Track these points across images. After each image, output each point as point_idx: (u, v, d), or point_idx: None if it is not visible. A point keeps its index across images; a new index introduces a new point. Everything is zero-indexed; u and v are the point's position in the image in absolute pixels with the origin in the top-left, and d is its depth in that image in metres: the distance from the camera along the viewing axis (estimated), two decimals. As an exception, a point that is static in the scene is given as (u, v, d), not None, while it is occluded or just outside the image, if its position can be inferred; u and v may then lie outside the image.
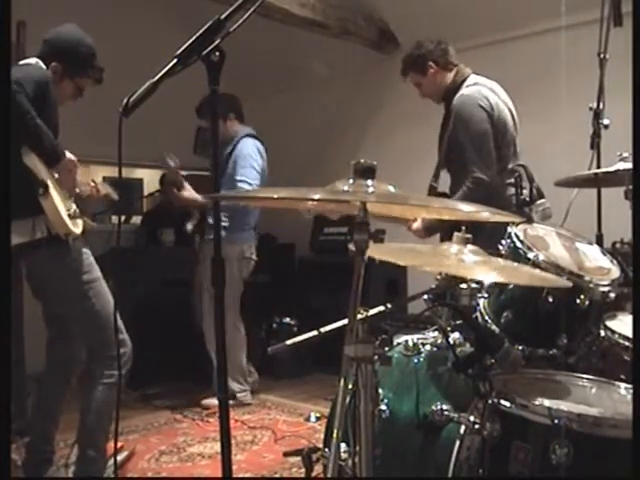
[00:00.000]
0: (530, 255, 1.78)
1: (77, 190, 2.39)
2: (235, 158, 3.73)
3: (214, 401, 3.66)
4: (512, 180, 2.72)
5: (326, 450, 1.81)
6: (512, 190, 2.75)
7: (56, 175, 2.26)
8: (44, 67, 2.34)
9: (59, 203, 2.22)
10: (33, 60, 2.35)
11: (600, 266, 1.88)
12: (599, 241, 2.49)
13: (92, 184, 2.51)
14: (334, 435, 1.28)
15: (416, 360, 1.79)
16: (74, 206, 2.33)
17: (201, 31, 1.34)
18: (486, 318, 1.85)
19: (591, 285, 1.75)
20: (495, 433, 1.39)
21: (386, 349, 1.37)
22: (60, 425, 2.55)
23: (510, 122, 2.84)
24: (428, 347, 1.83)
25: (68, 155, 2.32)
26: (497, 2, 3.98)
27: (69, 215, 2.26)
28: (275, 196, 1.73)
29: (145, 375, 3.87)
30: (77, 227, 2.31)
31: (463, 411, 1.52)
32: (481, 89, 2.81)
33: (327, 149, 5.01)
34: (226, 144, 3.79)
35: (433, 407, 1.60)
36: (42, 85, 2.21)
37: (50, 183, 2.21)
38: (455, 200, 2.71)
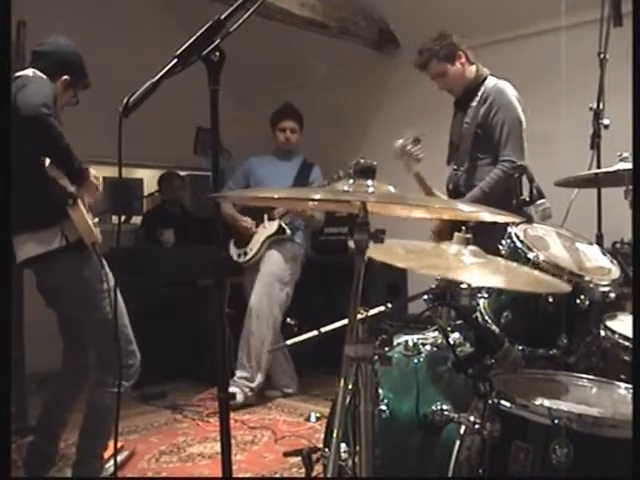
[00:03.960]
0: (530, 255, 1.79)
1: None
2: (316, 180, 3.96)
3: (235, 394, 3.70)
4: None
5: (326, 450, 1.81)
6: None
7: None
8: (45, 78, 2.34)
9: (86, 213, 2.29)
10: (30, 72, 2.33)
11: (600, 266, 1.88)
12: (599, 241, 2.49)
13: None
14: (334, 435, 1.28)
15: (416, 360, 1.79)
16: (91, 216, 2.37)
17: (201, 31, 1.33)
18: (486, 318, 1.86)
19: (591, 285, 1.76)
20: (495, 433, 1.39)
21: (386, 349, 1.37)
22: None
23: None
24: (428, 347, 1.83)
25: (92, 172, 2.37)
26: (497, 2, 3.98)
27: (94, 224, 2.33)
28: (275, 196, 1.73)
29: (145, 375, 3.85)
30: (100, 236, 2.37)
31: (463, 411, 1.52)
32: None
33: (327, 149, 5.00)
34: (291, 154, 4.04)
35: (433, 407, 1.60)
36: (55, 99, 2.26)
37: (76, 194, 2.28)
38: (489, 181, 2.77)
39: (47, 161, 2.23)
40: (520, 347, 1.76)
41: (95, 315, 2.35)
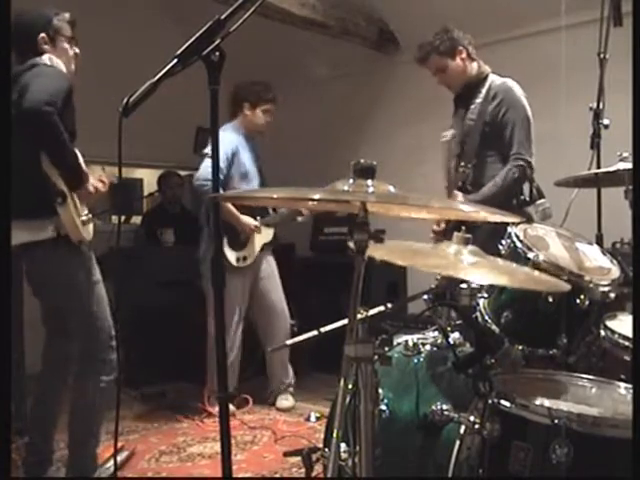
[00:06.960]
0: (530, 255, 1.78)
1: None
2: None
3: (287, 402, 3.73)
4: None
5: (326, 450, 1.81)
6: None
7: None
8: (62, 65, 2.32)
9: (74, 211, 2.28)
10: (46, 58, 2.30)
11: (600, 266, 1.87)
12: (599, 241, 2.49)
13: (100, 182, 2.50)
14: (334, 435, 1.28)
15: (416, 360, 1.79)
16: (86, 211, 2.37)
17: (201, 31, 1.34)
18: (486, 318, 1.85)
19: (591, 285, 1.75)
20: (495, 433, 1.39)
21: (386, 349, 1.37)
22: (59, 425, 2.54)
23: None
24: (428, 347, 1.83)
25: (91, 181, 2.37)
26: (497, 2, 3.98)
27: (82, 222, 2.31)
28: (275, 196, 1.73)
29: (145, 375, 3.87)
30: (88, 233, 2.37)
31: (463, 411, 1.52)
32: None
33: (327, 149, 5.01)
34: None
35: (433, 407, 1.60)
36: (68, 92, 2.23)
37: (67, 192, 2.26)
38: (503, 176, 2.76)
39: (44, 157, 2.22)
40: (520, 347, 1.76)
41: (79, 306, 2.35)
